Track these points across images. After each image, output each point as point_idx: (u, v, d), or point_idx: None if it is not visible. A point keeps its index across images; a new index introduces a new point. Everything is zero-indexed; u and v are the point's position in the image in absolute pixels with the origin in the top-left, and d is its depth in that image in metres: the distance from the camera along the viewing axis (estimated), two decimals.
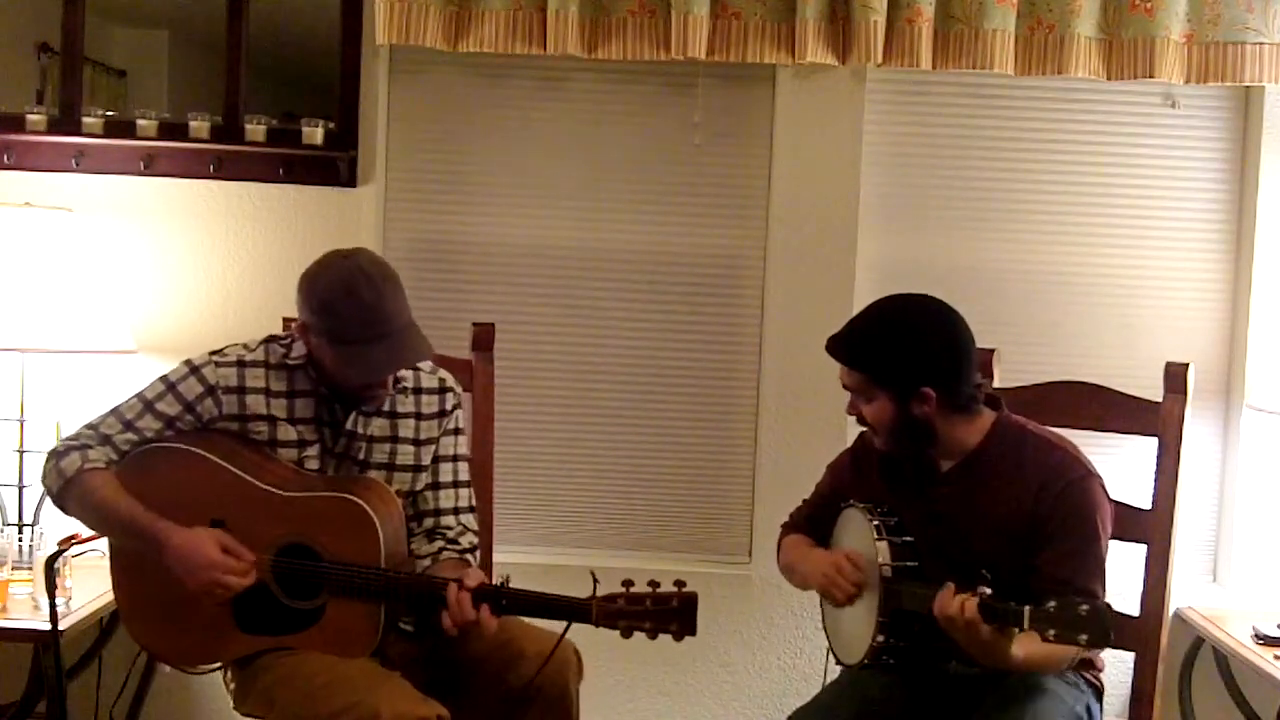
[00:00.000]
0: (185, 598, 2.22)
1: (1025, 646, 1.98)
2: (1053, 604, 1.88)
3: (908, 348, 2.18)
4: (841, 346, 2.24)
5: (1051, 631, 1.87)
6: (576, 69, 3.16)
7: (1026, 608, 1.90)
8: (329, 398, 2.35)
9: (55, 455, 2.26)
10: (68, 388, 3.03)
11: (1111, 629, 1.86)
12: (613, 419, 3.25)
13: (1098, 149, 3.17)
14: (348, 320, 2.21)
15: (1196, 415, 2.75)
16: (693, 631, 2.16)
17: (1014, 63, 2.96)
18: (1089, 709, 2.18)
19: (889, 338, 2.20)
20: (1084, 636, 1.85)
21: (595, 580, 2.19)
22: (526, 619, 2.30)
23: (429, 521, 2.47)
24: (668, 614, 2.15)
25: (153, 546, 2.21)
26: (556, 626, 2.25)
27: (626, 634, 2.17)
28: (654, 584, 2.17)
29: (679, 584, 2.17)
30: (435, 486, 2.47)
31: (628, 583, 2.17)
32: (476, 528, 2.52)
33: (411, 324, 2.29)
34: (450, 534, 2.45)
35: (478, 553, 2.49)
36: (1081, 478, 2.17)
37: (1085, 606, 1.85)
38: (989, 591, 1.96)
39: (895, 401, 2.19)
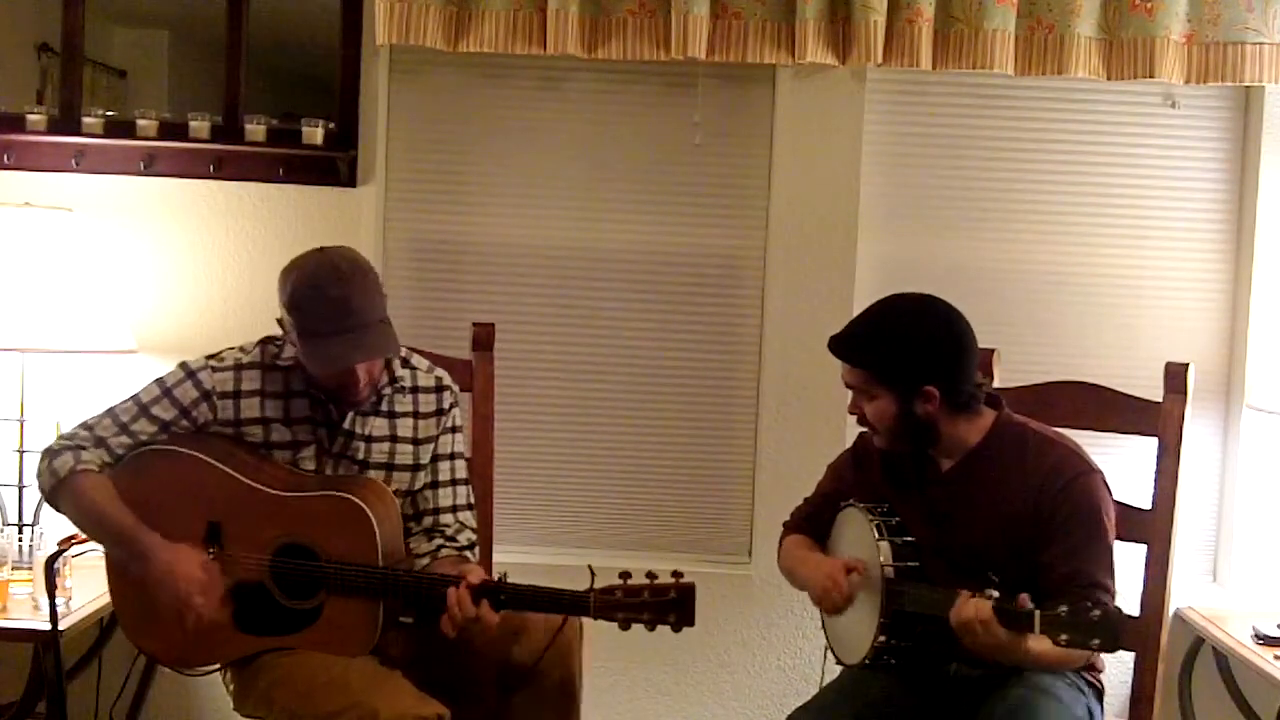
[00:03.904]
0: None
1: (1040, 644, 1.97)
2: (1064, 608, 1.87)
3: (911, 346, 2.18)
4: (844, 345, 2.24)
5: (1063, 636, 1.86)
6: (576, 69, 3.16)
7: (1037, 612, 1.89)
8: (323, 398, 2.35)
9: (49, 454, 2.26)
10: (68, 388, 3.03)
11: (1123, 633, 1.85)
12: (612, 419, 3.25)
13: (1098, 149, 3.17)
14: (311, 313, 2.21)
15: (1196, 415, 2.75)
16: (691, 622, 2.16)
17: (1014, 63, 2.96)
18: (1090, 710, 2.17)
19: (892, 336, 2.20)
20: (1095, 641, 1.84)
21: (593, 573, 2.19)
22: None
23: (428, 520, 2.47)
24: (665, 605, 2.15)
25: (137, 557, 2.21)
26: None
27: (625, 626, 2.17)
28: (651, 575, 2.17)
29: (676, 575, 2.17)
30: (434, 485, 2.47)
31: (625, 574, 2.18)
32: (475, 525, 2.52)
33: (382, 321, 2.28)
34: (448, 531, 2.45)
35: (476, 549, 2.49)
36: (1084, 474, 2.17)
37: (1096, 611, 1.84)
38: (997, 595, 1.96)
39: (898, 400, 2.19)
